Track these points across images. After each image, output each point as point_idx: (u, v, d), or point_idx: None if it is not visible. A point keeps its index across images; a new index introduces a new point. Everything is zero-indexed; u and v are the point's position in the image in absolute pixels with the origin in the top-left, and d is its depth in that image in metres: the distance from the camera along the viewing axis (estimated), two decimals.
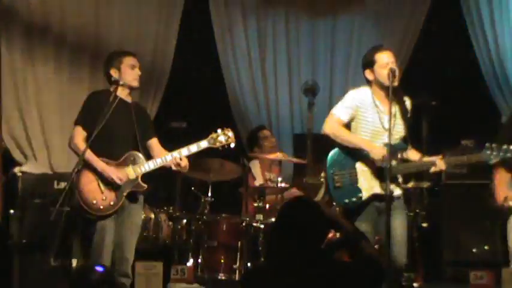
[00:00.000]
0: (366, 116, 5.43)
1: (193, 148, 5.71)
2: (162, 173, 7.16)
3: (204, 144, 5.73)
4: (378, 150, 5.33)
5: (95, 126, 5.45)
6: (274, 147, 7.86)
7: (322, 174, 5.76)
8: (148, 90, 8.44)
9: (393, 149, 5.25)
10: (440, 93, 7.50)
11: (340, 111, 5.48)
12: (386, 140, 5.28)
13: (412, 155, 5.51)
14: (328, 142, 5.67)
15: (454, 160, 5.42)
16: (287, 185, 7.39)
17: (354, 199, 5.39)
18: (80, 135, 5.65)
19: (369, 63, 5.46)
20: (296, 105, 9.01)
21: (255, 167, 7.83)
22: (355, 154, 5.45)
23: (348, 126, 5.51)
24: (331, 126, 5.48)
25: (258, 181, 7.67)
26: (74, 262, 6.33)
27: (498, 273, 5.89)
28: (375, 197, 5.38)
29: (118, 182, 5.53)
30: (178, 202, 7.24)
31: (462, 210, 7.52)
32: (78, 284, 4.07)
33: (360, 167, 5.45)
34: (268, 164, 7.71)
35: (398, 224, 5.35)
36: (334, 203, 6.32)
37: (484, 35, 8.29)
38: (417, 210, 7.22)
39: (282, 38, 9.08)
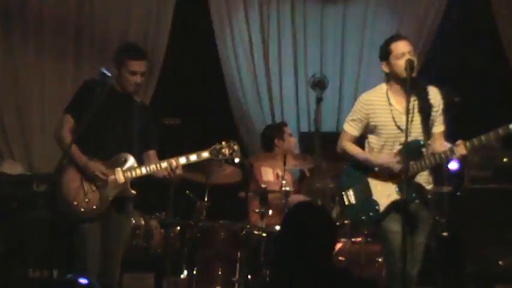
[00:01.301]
0: (379, 120, 5.41)
1: (193, 157, 5.66)
2: (166, 181, 7.16)
3: (205, 155, 5.70)
4: (386, 159, 5.34)
5: (83, 117, 5.38)
6: (296, 147, 7.87)
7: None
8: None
9: (409, 149, 5.21)
10: (464, 87, 7.45)
11: (349, 127, 5.55)
12: (402, 141, 5.25)
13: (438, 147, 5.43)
14: None
15: (476, 141, 5.25)
16: (292, 188, 7.36)
17: (371, 213, 5.38)
18: (67, 124, 5.58)
19: (384, 55, 5.42)
20: (303, 101, 8.99)
21: (267, 169, 7.80)
22: (366, 166, 5.45)
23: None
24: (340, 144, 5.58)
25: (266, 179, 7.61)
26: (55, 273, 6.29)
27: None
28: (394, 205, 5.33)
29: (101, 176, 5.45)
30: (171, 207, 7.20)
31: (486, 217, 7.46)
32: None
33: (373, 177, 5.44)
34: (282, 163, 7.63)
35: (420, 242, 5.35)
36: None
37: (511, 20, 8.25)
38: (437, 218, 7.18)
39: (287, 26, 9.05)
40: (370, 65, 8.66)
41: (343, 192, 5.52)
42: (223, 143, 5.74)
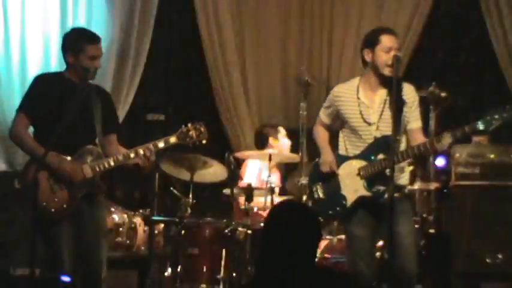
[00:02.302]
0: (346, 112, 5.47)
1: (161, 144, 5.48)
2: (137, 171, 7.12)
3: (172, 139, 5.52)
4: (324, 159, 5.52)
5: (40, 114, 5.32)
6: (288, 150, 7.86)
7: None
8: (122, 79, 8.36)
9: (378, 144, 5.26)
10: (452, 83, 7.48)
11: (321, 112, 5.72)
12: (374, 135, 5.35)
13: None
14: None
15: (459, 132, 5.24)
16: (280, 185, 7.37)
17: (338, 208, 5.43)
18: (21, 123, 5.44)
19: (370, 43, 5.42)
20: (289, 97, 8.96)
21: (253, 166, 7.79)
22: (338, 158, 5.51)
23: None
24: (314, 127, 5.77)
25: (251, 181, 7.61)
26: (37, 272, 6.25)
27: None
28: (361, 201, 5.36)
29: (73, 176, 5.32)
30: (155, 204, 7.18)
31: (474, 214, 7.48)
32: None
33: (343, 171, 5.48)
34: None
35: (408, 232, 5.35)
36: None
37: (500, 15, 8.24)
38: (424, 215, 7.19)
39: (274, 20, 9.03)
40: (356, 62, 8.64)
41: (312, 187, 5.59)
42: (190, 125, 5.58)
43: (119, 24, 8.44)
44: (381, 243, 6.15)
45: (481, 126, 5.13)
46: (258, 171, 7.89)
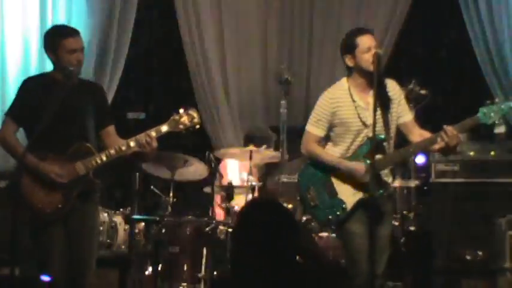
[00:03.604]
0: (345, 117, 5.41)
1: (152, 133, 5.37)
2: (118, 169, 7.10)
3: (164, 128, 5.38)
4: (357, 168, 5.35)
5: (28, 118, 5.29)
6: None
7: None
8: (102, 77, 8.34)
9: (377, 143, 5.26)
10: (431, 80, 7.51)
11: (313, 127, 5.49)
12: (369, 136, 5.32)
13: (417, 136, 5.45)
14: None
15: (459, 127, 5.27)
16: (259, 183, 7.37)
17: (339, 212, 5.40)
18: (8, 127, 5.42)
19: (349, 48, 5.41)
20: (270, 95, 8.98)
21: (233, 165, 7.79)
22: (328, 165, 5.47)
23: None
24: (306, 147, 5.53)
25: (232, 180, 7.61)
26: (17, 271, 6.23)
27: (493, 282, 5.91)
28: (361, 203, 5.37)
29: (56, 179, 5.29)
30: (135, 203, 7.18)
31: (453, 211, 7.52)
32: None
33: (336, 176, 5.45)
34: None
35: (386, 234, 5.40)
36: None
37: (478, 13, 8.29)
38: (404, 212, 7.23)
39: (253, 18, 9.04)
40: (336, 61, 8.68)
41: (305, 194, 5.52)
42: (181, 111, 5.41)
43: (98, 22, 8.42)
44: None
45: (481, 118, 5.19)
46: (238, 170, 7.90)
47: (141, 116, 6.79)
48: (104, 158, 5.36)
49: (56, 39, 5.44)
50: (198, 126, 5.44)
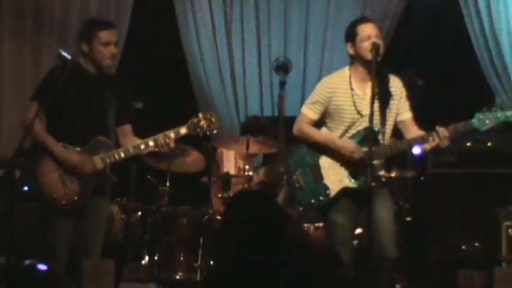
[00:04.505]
0: (340, 104, 5.45)
1: (171, 135, 5.42)
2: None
3: (183, 131, 5.45)
4: (347, 146, 5.39)
5: (53, 105, 5.27)
6: None
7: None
8: None
9: (373, 134, 5.26)
10: (428, 71, 7.50)
11: (308, 109, 5.55)
12: (364, 126, 5.36)
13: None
14: None
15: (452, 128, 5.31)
16: (255, 174, 7.36)
17: (321, 197, 5.44)
18: (32, 112, 5.33)
19: (350, 37, 5.46)
20: (266, 85, 8.97)
21: (229, 155, 7.79)
22: (318, 148, 5.50)
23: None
24: (299, 127, 5.58)
25: (229, 170, 7.60)
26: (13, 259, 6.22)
27: (489, 273, 5.91)
28: (345, 192, 5.39)
29: (82, 170, 5.30)
30: (132, 192, 7.18)
31: (450, 202, 7.51)
32: (16, 285, 3.98)
33: (324, 161, 5.48)
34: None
35: (386, 216, 5.40)
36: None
37: (476, 5, 8.28)
38: (400, 203, 7.23)
39: (250, 9, 9.02)
40: (334, 49, 8.68)
41: (291, 174, 5.55)
42: (200, 115, 5.49)
43: (94, 13, 8.41)
44: (359, 230, 6.16)
45: (475, 124, 5.25)
46: (234, 160, 7.89)
47: (139, 105, 6.77)
48: (122, 155, 5.41)
49: (92, 30, 5.46)
50: (215, 132, 5.51)
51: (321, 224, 6.86)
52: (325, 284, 3.47)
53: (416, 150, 7.28)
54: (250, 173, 7.17)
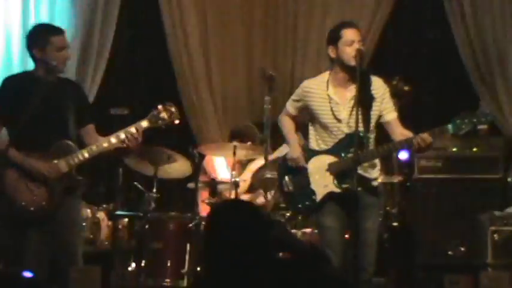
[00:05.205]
0: (316, 107, 5.47)
1: (132, 130, 5.42)
2: (101, 165, 7.08)
3: (144, 124, 5.45)
4: (291, 154, 5.54)
5: (11, 116, 5.29)
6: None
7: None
8: (85, 72, 8.31)
9: (350, 140, 5.27)
10: (415, 77, 7.52)
11: (289, 104, 5.70)
12: (344, 132, 5.37)
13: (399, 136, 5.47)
14: None
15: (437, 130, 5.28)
16: (243, 180, 7.36)
17: (307, 202, 5.47)
18: None
19: (333, 39, 5.43)
20: (254, 91, 8.96)
21: (220, 162, 7.76)
22: (307, 153, 5.54)
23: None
24: (280, 116, 5.77)
25: (220, 176, 7.57)
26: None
27: (475, 277, 5.92)
28: (331, 196, 5.40)
29: (48, 175, 5.29)
30: (119, 198, 7.16)
31: (436, 207, 7.55)
32: None
33: (312, 166, 5.50)
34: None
35: (371, 227, 5.40)
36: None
37: (461, 10, 8.30)
38: (387, 208, 7.24)
39: (237, 14, 9.02)
40: (322, 54, 8.66)
41: (282, 178, 5.61)
42: (160, 107, 5.51)
43: (81, 17, 8.38)
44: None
45: (450, 130, 5.22)
46: (225, 166, 7.85)
47: (124, 111, 6.76)
48: (86, 155, 5.38)
49: (45, 36, 5.45)
50: (177, 122, 5.51)
51: (308, 230, 6.87)
52: (315, 283, 3.46)
53: (403, 155, 7.32)
54: (237, 179, 7.15)
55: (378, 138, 5.53)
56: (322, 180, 5.43)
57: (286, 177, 5.57)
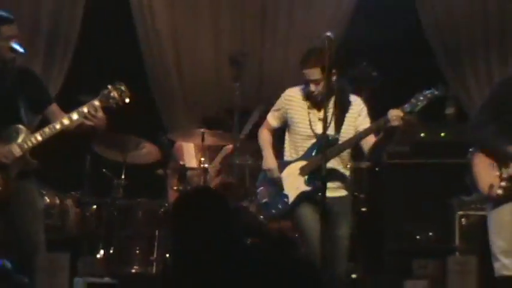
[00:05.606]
0: (294, 116, 5.54)
1: (84, 109, 5.32)
2: (68, 152, 7.03)
3: (96, 103, 5.34)
4: (267, 161, 5.58)
5: None
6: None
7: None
8: (52, 60, 8.28)
9: (323, 144, 5.26)
10: (382, 62, 7.53)
11: (270, 115, 5.72)
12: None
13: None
14: (262, 119, 5.80)
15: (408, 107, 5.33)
16: (213, 167, 7.35)
17: (280, 206, 5.51)
18: None
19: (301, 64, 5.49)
20: (223, 78, 8.94)
21: (189, 148, 7.75)
22: (283, 161, 5.59)
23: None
24: (259, 131, 5.80)
25: (189, 163, 7.56)
26: None
27: (444, 261, 5.96)
28: (303, 197, 5.44)
29: (4, 160, 5.22)
30: (87, 185, 7.12)
31: (405, 193, 7.59)
32: None
33: (286, 173, 5.54)
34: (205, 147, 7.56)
35: (343, 235, 5.47)
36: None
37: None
38: (355, 193, 7.25)
39: (207, 3, 9.00)
40: (290, 41, 8.68)
41: (257, 192, 5.71)
42: (110, 86, 5.42)
43: (47, 5, 8.32)
44: None
45: (407, 108, 5.26)
46: (193, 153, 7.84)
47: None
48: (39, 138, 5.31)
49: None
50: (127, 100, 5.45)
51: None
52: (283, 268, 3.46)
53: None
54: (206, 166, 7.15)
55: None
56: (294, 183, 5.48)
57: (261, 189, 5.64)
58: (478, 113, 5.67)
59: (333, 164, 5.40)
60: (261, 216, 6.66)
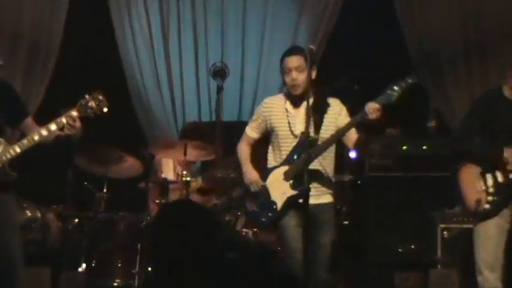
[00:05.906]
0: (274, 121, 5.57)
1: (62, 120, 5.27)
2: (49, 165, 7.01)
3: (74, 113, 5.30)
4: (249, 179, 5.61)
5: None
6: None
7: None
8: (33, 72, 8.26)
9: (303, 143, 5.29)
10: (363, 76, 7.55)
11: (249, 128, 5.76)
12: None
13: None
14: (240, 131, 5.79)
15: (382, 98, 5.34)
16: (194, 180, 7.33)
17: (270, 213, 5.51)
18: None
19: (280, 67, 5.55)
20: (204, 90, 8.95)
21: (168, 161, 7.73)
22: (265, 172, 5.62)
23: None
24: (238, 145, 5.81)
25: (168, 176, 7.55)
26: None
27: (425, 274, 5.98)
28: (291, 202, 5.44)
29: None
30: (69, 199, 7.10)
31: (387, 205, 7.61)
32: None
33: (270, 180, 5.57)
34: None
35: (326, 242, 5.49)
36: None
37: (411, 10, 8.39)
38: (338, 207, 7.26)
39: (187, 13, 9.00)
40: (271, 54, 8.69)
41: (246, 204, 5.80)
42: (87, 96, 5.38)
43: (29, 17, 8.31)
44: None
45: (383, 100, 5.28)
46: (173, 165, 7.83)
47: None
48: (18, 150, 5.26)
49: None
50: (106, 110, 5.43)
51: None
52: (264, 281, 3.47)
53: (352, 154, 7.35)
54: (188, 179, 7.13)
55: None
56: (280, 189, 5.49)
57: (251, 198, 5.70)
58: (461, 125, 5.70)
59: (317, 166, 5.43)
60: (246, 230, 6.70)
